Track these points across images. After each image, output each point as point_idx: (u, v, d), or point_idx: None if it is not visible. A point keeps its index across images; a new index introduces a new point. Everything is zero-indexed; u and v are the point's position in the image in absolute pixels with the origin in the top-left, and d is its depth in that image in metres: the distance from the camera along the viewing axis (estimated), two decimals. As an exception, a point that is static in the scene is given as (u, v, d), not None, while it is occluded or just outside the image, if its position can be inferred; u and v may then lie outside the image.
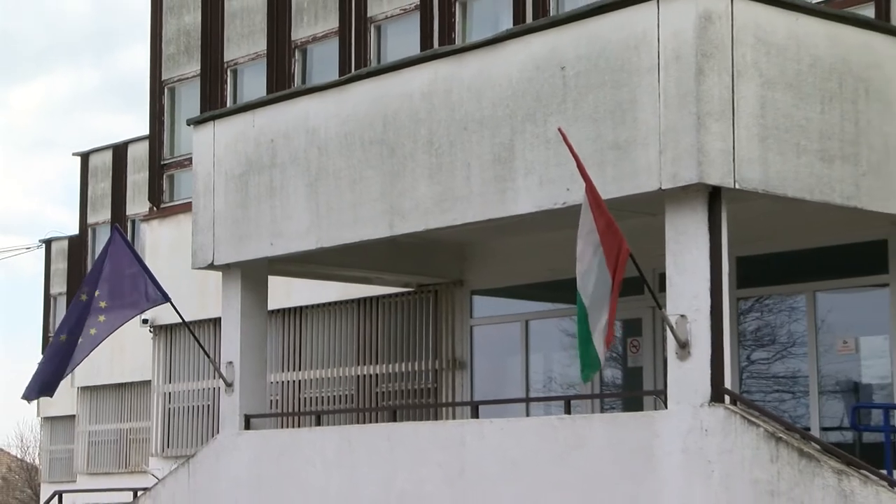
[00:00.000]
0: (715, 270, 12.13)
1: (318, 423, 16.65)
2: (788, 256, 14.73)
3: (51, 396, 16.59)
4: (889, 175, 13.20)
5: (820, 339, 14.74)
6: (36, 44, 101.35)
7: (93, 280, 15.98)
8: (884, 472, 11.87)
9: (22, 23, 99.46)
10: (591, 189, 11.41)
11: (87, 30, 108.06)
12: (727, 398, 11.99)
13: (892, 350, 14.11)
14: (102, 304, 15.71)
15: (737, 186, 12.11)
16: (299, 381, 19.89)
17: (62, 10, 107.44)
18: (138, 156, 27.74)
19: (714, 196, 12.16)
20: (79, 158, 31.55)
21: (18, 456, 52.74)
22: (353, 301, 19.14)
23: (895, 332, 14.05)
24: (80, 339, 15.71)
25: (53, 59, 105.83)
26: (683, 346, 12.15)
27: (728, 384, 12.12)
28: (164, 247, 20.97)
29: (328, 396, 19.37)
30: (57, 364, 15.96)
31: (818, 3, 13.88)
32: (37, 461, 43.70)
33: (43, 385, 16.12)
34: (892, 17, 14.04)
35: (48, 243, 34.50)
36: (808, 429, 14.12)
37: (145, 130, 23.54)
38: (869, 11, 14.13)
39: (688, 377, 12.13)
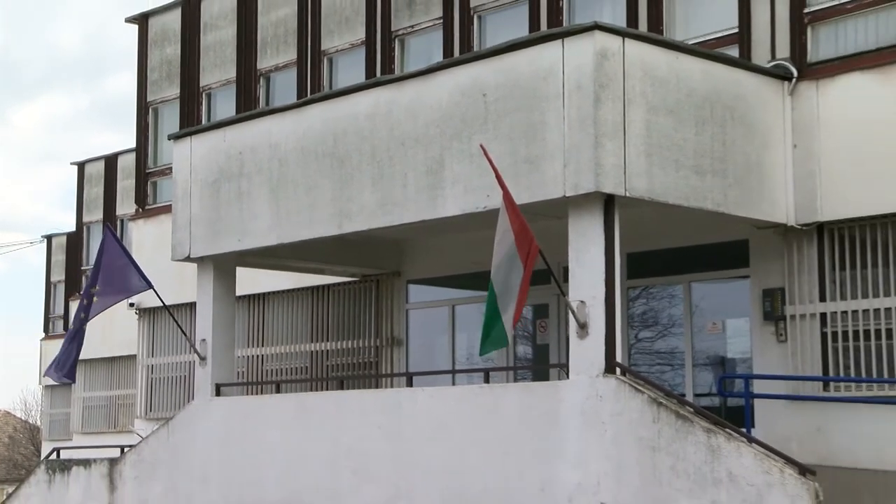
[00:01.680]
0: (609, 264, 12.20)
1: (278, 391, 16.57)
2: (669, 253, 14.77)
3: (73, 382, 16.68)
4: (750, 186, 13.31)
5: (694, 321, 14.84)
6: (35, 70, 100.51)
7: (95, 275, 15.97)
8: (744, 430, 12.04)
9: (23, 52, 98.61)
10: (507, 196, 11.45)
11: (79, 59, 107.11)
12: (618, 370, 12.07)
13: (751, 330, 14.21)
14: (94, 290, 15.73)
15: (627, 195, 12.17)
16: (262, 355, 19.80)
17: (58, 42, 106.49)
18: (126, 165, 27.53)
19: (608, 202, 12.22)
20: (76, 167, 31.31)
21: (23, 418, 52.49)
22: (307, 288, 19.05)
23: (754, 315, 14.13)
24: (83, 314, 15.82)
25: (50, 84, 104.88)
26: (583, 327, 12.19)
27: (619, 358, 12.23)
28: (148, 242, 20.80)
29: (286, 368, 19.29)
30: (74, 351, 16.04)
31: (694, 44, 13.95)
32: (38, 422, 43.27)
33: (64, 369, 16.11)
34: (752, 57, 14.11)
35: (49, 239, 34.17)
36: (684, 395, 14.22)
37: (132, 144, 23.42)
38: (734, 51, 14.20)
39: (586, 353, 12.19)
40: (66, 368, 16.07)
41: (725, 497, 10.99)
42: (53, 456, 19.64)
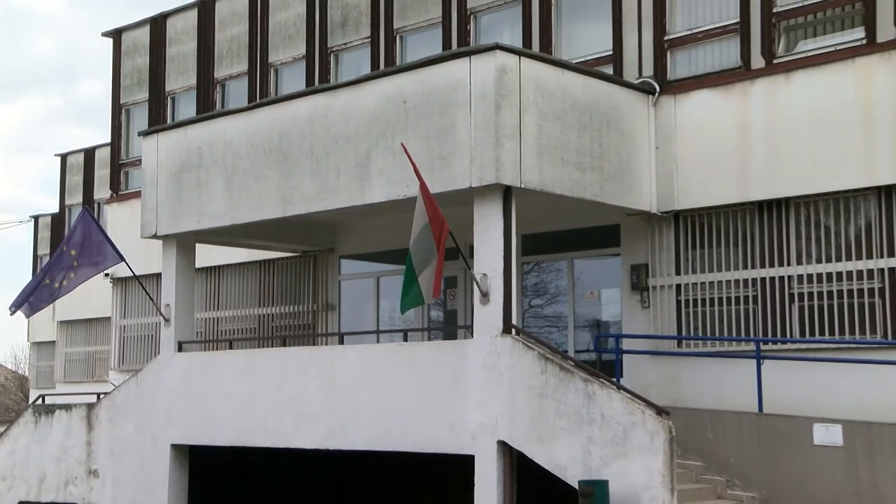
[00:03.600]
0: (507, 243, 12.23)
1: (231, 348, 16.36)
2: (556, 235, 14.83)
3: (27, 317, 16.37)
4: (621, 180, 13.42)
5: (575, 291, 14.92)
6: (14, 74, 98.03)
7: (68, 241, 15.74)
8: (614, 379, 12.26)
9: (2, 59, 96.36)
10: (423, 186, 11.40)
11: (55, 66, 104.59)
12: (513, 331, 12.12)
13: (621, 298, 14.33)
14: (75, 263, 15.46)
15: (522, 186, 12.21)
16: (217, 317, 19.58)
17: (35, 51, 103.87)
18: (103, 157, 27.01)
19: (507, 193, 12.26)
20: (59, 158, 30.68)
21: (13, 369, 51.51)
22: (256, 262, 18.85)
23: (624, 286, 14.27)
24: (57, 285, 15.48)
25: (29, 88, 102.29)
26: (485, 295, 12.21)
27: (514, 321, 12.29)
28: (121, 222, 20.41)
29: (238, 329, 19.10)
30: (38, 295, 15.68)
31: (577, 62, 14.01)
32: (27, 373, 42.42)
33: (23, 305, 15.75)
34: (623, 74, 14.21)
35: (36, 219, 33.42)
36: (567, 351, 14.31)
37: (107, 139, 23.10)
38: (609, 69, 14.30)
39: (487, 317, 12.21)
40: (22, 304, 15.73)
41: (599, 434, 11.12)
42: (39, 401, 19.29)
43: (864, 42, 12.50)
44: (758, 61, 13.30)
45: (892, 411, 11.39)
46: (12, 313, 16.04)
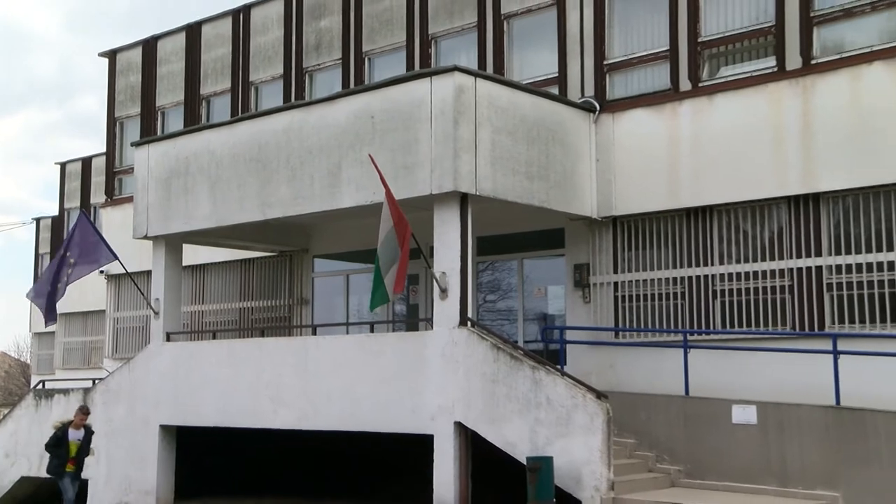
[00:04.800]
0: (464, 245, 12.27)
1: (214, 338, 16.30)
2: (508, 237, 14.83)
3: (55, 322, 16.20)
4: (566, 189, 13.48)
5: (525, 287, 14.96)
6: (15, 89, 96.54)
7: (66, 245, 15.55)
8: (559, 367, 12.27)
9: (4, 76, 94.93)
10: (388, 193, 11.42)
11: (52, 81, 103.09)
12: (469, 323, 12.14)
13: (565, 294, 14.37)
14: (72, 261, 15.26)
15: (477, 194, 12.24)
16: (202, 311, 19.41)
17: (34, 68, 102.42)
18: (99, 165, 26.71)
19: (464, 199, 12.27)
20: (59, 166, 30.25)
21: (16, 357, 50.78)
22: (237, 261, 18.71)
23: (568, 283, 14.32)
24: (58, 284, 15.27)
25: (29, 102, 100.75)
26: (444, 291, 12.24)
27: (470, 315, 12.30)
28: (115, 224, 20.15)
29: (220, 321, 18.95)
30: (47, 298, 15.49)
31: (527, 83, 14.05)
32: (28, 361, 41.81)
33: (44, 308, 15.53)
34: (568, 94, 14.26)
35: (38, 221, 32.90)
36: (517, 342, 14.33)
37: (102, 149, 22.92)
38: (555, 90, 14.33)
39: (446, 310, 12.24)
40: (49, 311, 15.53)
41: (544, 415, 11.20)
42: (40, 386, 19.08)
43: (776, 70, 12.67)
44: (685, 84, 13.42)
45: (799, 393, 11.54)
46: (52, 322, 15.84)
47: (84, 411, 13.88)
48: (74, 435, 13.79)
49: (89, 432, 13.89)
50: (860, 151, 11.85)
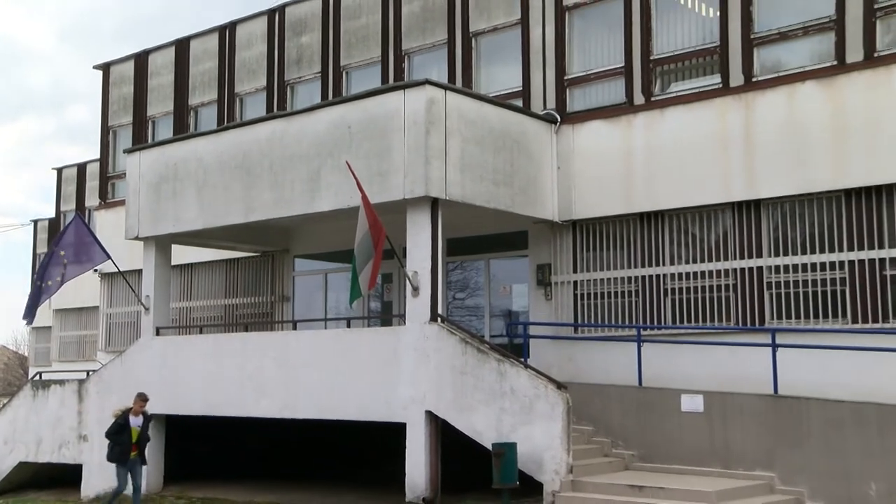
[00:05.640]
0: (434, 246, 12.27)
1: (201, 332, 16.23)
2: (475, 239, 14.85)
3: (30, 323, 16.00)
4: (529, 194, 13.52)
5: (491, 286, 14.98)
6: (12, 100, 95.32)
7: (58, 243, 15.44)
8: (522, 359, 12.31)
9: (1, 86, 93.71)
10: (364, 198, 11.41)
11: (47, 93, 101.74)
12: (439, 319, 12.15)
13: (529, 292, 14.40)
14: (65, 262, 15.17)
15: (447, 198, 12.25)
16: (189, 307, 19.26)
17: (29, 80, 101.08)
18: (93, 170, 26.45)
19: (434, 203, 12.28)
20: (56, 171, 29.93)
21: (14, 350, 50.15)
22: (222, 260, 18.60)
23: (531, 282, 14.34)
24: (51, 283, 15.17)
25: (25, 111, 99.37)
26: (416, 289, 12.24)
27: (440, 311, 12.31)
28: (108, 226, 19.96)
29: (207, 316, 18.83)
30: (36, 298, 15.38)
31: (493, 96, 14.06)
32: (26, 353, 41.33)
33: (29, 311, 15.44)
34: (531, 107, 14.29)
35: (35, 222, 32.51)
36: (484, 336, 14.30)
37: (96, 156, 22.63)
38: (520, 102, 14.35)
39: (417, 307, 12.24)
40: (30, 309, 15.40)
41: (509, 404, 11.24)
42: (37, 377, 18.86)
43: (720, 86, 12.80)
44: (639, 98, 13.51)
45: (741, 383, 11.66)
46: (28, 323, 15.72)
47: (143, 398, 12.98)
48: (134, 421, 12.93)
49: (148, 418, 13.10)
50: (796, 162, 12.00)
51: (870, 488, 10.18)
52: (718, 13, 12.85)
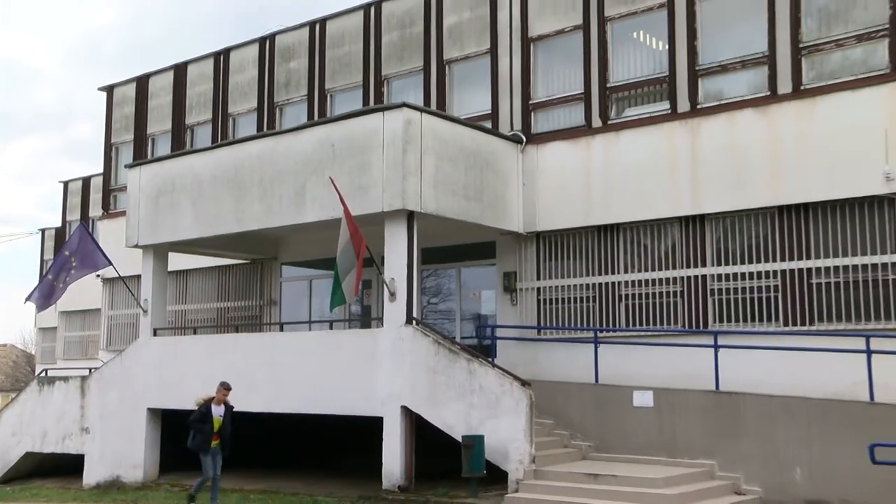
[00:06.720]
0: (410, 255, 12.29)
1: (195, 333, 16.10)
2: (448, 248, 14.87)
3: (39, 310, 16.09)
4: (497, 208, 13.55)
5: (462, 292, 14.99)
6: (23, 119, 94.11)
7: (67, 247, 15.38)
8: (490, 359, 12.30)
9: (10, 107, 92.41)
10: (346, 210, 11.41)
11: (52, 111, 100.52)
12: (414, 322, 12.16)
13: (496, 298, 14.43)
14: (73, 267, 15.10)
15: (422, 211, 12.26)
16: (184, 310, 19.13)
17: (35, 100, 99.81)
18: (97, 184, 26.16)
19: (410, 216, 12.30)
20: (62, 184, 29.57)
21: (22, 348, 49.47)
22: (215, 267, 18.49)
23: (498, 288, 14.38)
24: (60, 284, 15.11)
25: (33, 129, 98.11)
26: (393, 295, 12.25)
27: (415, 315, 12.32)
28: (110, 235, 19.76)
29: (201, 319, 18.69)
30: (47, 291, 15.23)
31: (465, 118, 14.10)
32: (33, 352, 40.76)
33: (39, 301, 15.31)
34: (499, 128, 14.34)
35: (43, 231, 32.12)
36: (455, 338, 14.32)
37: (100, 170, 22.46)
38: (489, 124, 14.41)
39: (394, 311, 12.24)
40: (43, 301, 15.25)
41: (477, 400, 11.27)
42: (43, 374, 18.64)
43: (669, 112, 12.94)
44: (597, 122, 13.62)
45: (688, 380, 11.77)
46: (25, 302, 15.68)
47: (226, 387, 11.87)
48: (217, 411, 11.86)
49: (230, 408, 11.90)
50: (736, 181, 12.17)
51: (796, 473, 10.34)
52: (667, 47, 13.01)
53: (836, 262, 11.44)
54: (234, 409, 11.93)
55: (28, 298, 15.51)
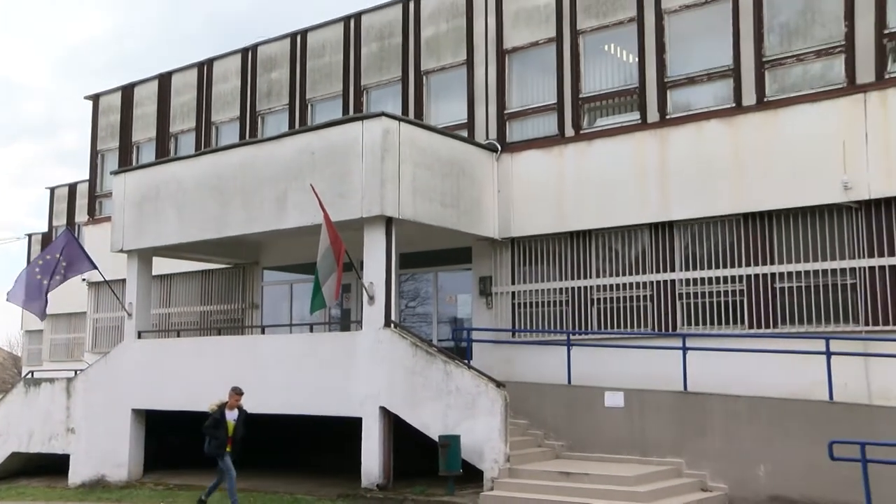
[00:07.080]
0: (388, 259, 12.27)
1: (179, 336, 15.97)
2: (425, 253, 14.85)
3: (41, 319, 15.75)
4: (473, 215, 13.57)
5: (439, 295, 15.00)
6: (10, 127, 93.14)
7: (52, 250, 15.20)
8: (466, 361, 12.31)
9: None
10: (326, 216, 11.39)
11: (41, 120, 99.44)
12: (392, 325, 12.15)
13: (472, 301, 14.42)
14: (63, 269, 14.98)
15: (400, 217, 12.26)
16: (168, 313, 18.97)
17: (24, 109, 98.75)
18: (83, 190, 25.96)
19: (388, 222, 12.28)
20: (49, 190, 29.26)
21: (8, 350, 48.75)
22: (198, 271, 18.35)
23: (474, 292, 14.38)
24: (46, 282, 14.97)
25: (21, 136, 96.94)
26: (371, 298, 12.23)
27: (393, 318, 12.30)
28: (96, 240, 19.56)
29: (184, 321, 18.54)
30: (36, 293, 15.06)
31: (442, 127, 14.10)
32: (20, 354, 40.22)
33: (34, 308, 15.13)
34: (475, 137, 14.36)
35: (30, 236, 31.73)
36: (432, 340, 14.38)
37: (85, 177, 22.23)
38: (465, 133, 14.42)
39: (373, 314, 12.23)
40: (38, 307, 15.05)
41: (454, 401, 11.28)
42: (29, 376, 18.43)
43: (639, 122, 13.04)
44: (569, 131, 13.67)
45: (657, 381, 11.84)
46: (7, 300, 15.43)
47: (238, 392, 11.56)
48: (230, 416, 11.58)
49: (243, 412, 11.60)
50: (703, 189, 12.27)
51: (760, 470, 10.43)
52: (637, 59, 13.10)
53: (799, 267, 11.56)
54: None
55: (9, 298, 15.29)
